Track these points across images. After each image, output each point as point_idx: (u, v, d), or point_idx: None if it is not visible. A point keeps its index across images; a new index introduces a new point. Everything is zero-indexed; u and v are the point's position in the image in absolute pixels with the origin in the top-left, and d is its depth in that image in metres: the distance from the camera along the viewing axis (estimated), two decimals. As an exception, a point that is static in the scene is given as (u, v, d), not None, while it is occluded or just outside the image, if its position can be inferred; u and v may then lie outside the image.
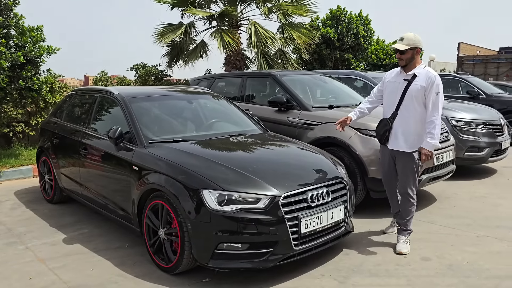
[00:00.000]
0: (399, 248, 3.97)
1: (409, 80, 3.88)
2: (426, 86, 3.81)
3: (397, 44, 3.88)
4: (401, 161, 3.98)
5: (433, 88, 3.79)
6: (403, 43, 3.86)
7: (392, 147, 4.00)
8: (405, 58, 3.87)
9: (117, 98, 4.54)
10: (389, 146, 4.02)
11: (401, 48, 3.84)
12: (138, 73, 13.71)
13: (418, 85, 3.83)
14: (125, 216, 4.04)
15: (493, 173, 7.24)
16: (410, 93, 3.85)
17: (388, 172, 4.17)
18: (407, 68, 3.92)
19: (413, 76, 3.88)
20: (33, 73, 7.51)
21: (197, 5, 12.10)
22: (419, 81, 3.84)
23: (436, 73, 3.89)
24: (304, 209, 3.36)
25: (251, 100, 6.55)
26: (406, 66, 3.91)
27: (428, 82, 3.81)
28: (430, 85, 3.80)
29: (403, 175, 4.00)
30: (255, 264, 3.22)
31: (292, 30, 11.67)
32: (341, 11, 17.39)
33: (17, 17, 7.37)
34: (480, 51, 27.12)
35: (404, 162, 3.96)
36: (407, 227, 4.08)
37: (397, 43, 3.91)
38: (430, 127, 3.80)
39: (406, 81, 3.89)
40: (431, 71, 3.88)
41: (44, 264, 3.79)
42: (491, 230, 4.51)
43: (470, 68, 21.47)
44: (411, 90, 3.85)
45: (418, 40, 3.88)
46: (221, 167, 3.50)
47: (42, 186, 5.82)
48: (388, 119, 3.98)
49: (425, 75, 3.85)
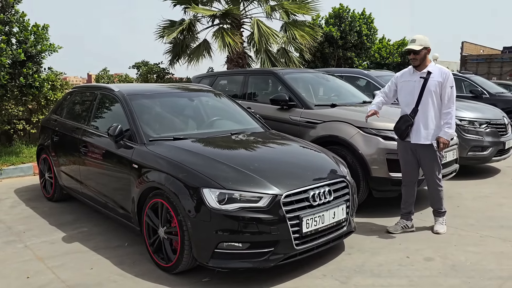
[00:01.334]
0: (437, 228, 4.38)
1: (425, 77, 4.16)
2: (442, 81, 4.14)
3: (412, 46, 4.16)
4: (425, 153, 4.24)
5: (448, 83, 4.14)
6: (417, 44, 4.16)
7: (415, 141, 4.22)
8: (419, 58, 4.16)
9: (117, 95, 4.51)
10: (412, 140, 4.24)
11: (417, 49, 4.13)
12: (140, 71, 13.67)
13: (435, 81, 4.14)
14: (125, 215, 4.00)
15: (496, 173, 7.18)
16: (429, 89, 4.14)
17: (409, 166, 4.36)
18: (420, 67, 4.21)
19: (427, 73, 4.17)
20: (34, 70, 7.49)
21: (199, 3, 12.06)
22: (434, 77, 4.15)
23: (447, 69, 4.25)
24: (305, 208, 3.31)
25: (253, 98, 6.50)
26: (419, 65, 4.19)
27: (443, 77, 4.14)
28: (445, 80, 4.14)
29: (428, 166, 4.28)
30: (256, 263, 3.17)
31: (295, 29, 11.62)
32: (343, 9, 17.32)
33: (18, 13, 7.34)
34: (483, 50, 27.01)
35: (427, 154, 4.23)
36: (442, 208, 4.43)
37: (410, 44, 4.19)
38: (447, 118, 4.14)
39: (423, 79, 4.17)
40: (443, 68, 4.23)
41: (43, 262, 3.76)
42: (495, 230, 4.46)
43: (474, 67, 21.38)
44: (429, 86, 4.14)
45: (427, 40, 4.20)
46: (222, 166, 3.45)
47: (42, 184, 5.80)
48: (409, 115, 4.21)
49: (439, 71, 4.18)
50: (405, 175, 4.43)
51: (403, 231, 4.40)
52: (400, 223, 4.44)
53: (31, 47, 7.29)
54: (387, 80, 8.09)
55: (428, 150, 4.22)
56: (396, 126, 4.32)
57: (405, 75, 4.36)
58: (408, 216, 4.46)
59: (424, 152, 4.24)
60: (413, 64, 4.23)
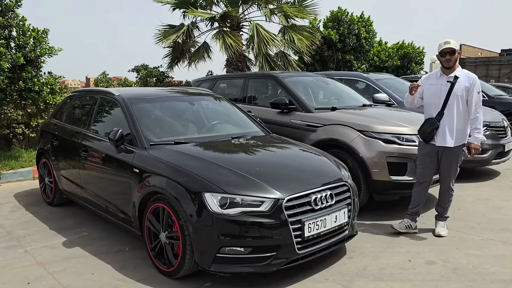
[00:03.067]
0: (438, 231, 4.40)
1: (452, 82, 4.21)
2: (469, 86, 4.20)
3: (450, 45, 4.19)
4: (448, 156, 4.29)
5: (475, 88, 4.21)
6: (452, 45, 4.20)
7: (440, 144, 4.27)
8: (454, 59, 4.22)
9: (117, 99, 4.50)
10: (437, 143, 4.28)
11: (456, 48, 4.19)
12: (139, 74, 13.66)
13: (462, 86, 4.20)
14: (126, 219, 3.99)
15: (496, 175, 7.19)
16: (455, 93, 4.20)
17: (427, 168, 4.40)
18: (450, 70, 4.26)
19: (455, 77, 4.22)
20: (33, 74, 7.48)
21: (198, 6, 12.07)
22: (462, 82, 4.21)
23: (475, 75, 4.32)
24: (307, 212, 3.30)
25: (253, 102, 6.50)
26: (450, 68, 4.25)
27: (470, 83, 4.21)
28: (473, 85, 4.21)
29: (448, 169, 4.34)
30: (258, 268, 3.16)
31: (294, 33, 11.62)
32: (342, 12, 17.34)
33: (18, 17, 7.33)
34: (481, 53, 27.09)
35: (451, 157, 4.29)
36: (446, 214, 4.49)
37: (446, 45, 4.20)
38: (476, 123, 4.23)
39: (450, 83, 4.22)
40: (470, 73, 4.31)
41: (43, 268, 3.75)
42: (496, 233, 4.46)
43: (472, 70, 21.39)
44: (456, 90, 4.20)
45: (457, 45, 4.27)
46: (223, 170, 3.44)
47: (42, 189, 5.78)
48: (434, 119, 4.26)
49: (466, 76, 4.25)
50: (421, 177, 4.45)
51: (406, 231, 4.42)
52: (405, 222, 4.46)
53: (30, 52, 7.28)
54: (387, 83, 8.14)
55: (452, 153, 4.27)
56: (421, 129, 4.35)
57: (431, 78, 4.40)
58: (413, 216, 4.48)
59: (447, 154, 4.29)
60: (447, 65, 4.24)
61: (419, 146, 4.49)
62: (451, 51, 4.19)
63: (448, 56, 4.21)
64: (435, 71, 4.41)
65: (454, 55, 4.20)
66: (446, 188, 4.42)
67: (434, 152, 4.34)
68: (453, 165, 4.33)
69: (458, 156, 4.31)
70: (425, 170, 4.42)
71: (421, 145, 4.47)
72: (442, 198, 4.48)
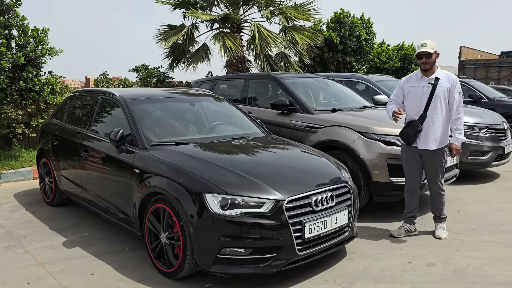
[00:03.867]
0: (438, 233, 4.38)
1: (434, 83, 4.18)
2: (450, 87, 4.17)
3: (425, 48, 4.16)
4: (431, 159, 4.25)
5: (456, 89, 4.19)
6: (429, 48, 4.16)
7: (422, 146, 4.23)
8: (431, 62, 4.18)
9: (118, 99, 4.50)
10: (420, 146, 4.24)
11: (431, 51, 4.14)
12: (139, 74, 13.67)
13: (444, 87, 4.17)
14: (126, 220, 3.99)
15: (496, 178, 7.20)
16: (437, 95, 4.16)
17: (413, 172, 4.37)
18: (428, 72, 4.23)
19: (435, 79, 4.19)
20: (34, 74, 7.48)
21: (199, 7, 12.07)
22: (443, 83, 4.18)
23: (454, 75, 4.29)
24: (308, 214, 3.30)
25: (253, 103, 6.51)
26: (429, 70, 4.21)
27: (451, 84, 4.19)
28: (453, 86, 4.18)
29: (433, 172, 4.30)
30: (258, 269, 3.16)
31: (295, 33, 11.63)
32: (344, 14, 17.36)
33: (18, 17, 7.33)
34: (481, 55, 27.11)
35: (434, 159, 4.25)
36: (442, 214, 4.46)
37: (422, 48, 4.18)
38: (457, 124, 4.20)
39: (431, 85, 4.18)
40: (451, 73, 4.27)
41: (43, 268, 3.74)
42: (496, 235, 4.46)
43: (472, 72, 21.46)
44: (438, 92, 4.16)
45: (436, 46, 4.21)
46: (224, 171, 3.45)
47: (42, 189, 5.78)
48: (417, 121, 4.22)
49: (446, 77, 4.22)
50: (409, 181, 4.43)
51: (406, 235, 4.41)
52: (404, 227, 4.45)
53: (31, 51, 7.28)
54: (387, 85, 8.15)
55: (435, 155, 4.23)
56: (403, 132, 4.31)
57: (412, 81, 4.35)
58: (411, 220, 4.47)
59: (430, 157, 4.25)
60: (424, 68, 4.21)
61: (402, 150, 4.45)
62: (427, 54, 4.14)
63: (424, 59, 4.16)
64: (415, 72, 4.38)
65: (430, 57, 4.15)
66: (436, 191, 4.39)
67: (417, 154, 4.31)
68: (438, 167, 4.28)
69: (441, 158, 4.27)
70: (412, 173, 4.38)
71: (403, 148, 4.42)
72: (435, 201, 4.44)
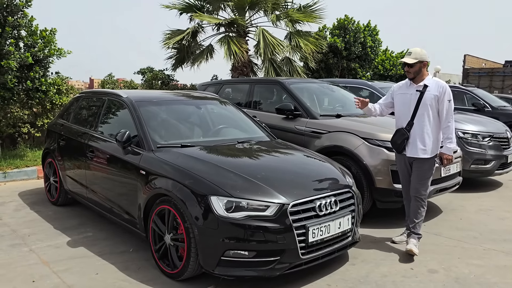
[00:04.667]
0: (410, 247, 4.10)
1: (421, 91, 4.10)
2: (439, 95, 4.06)
3: (406, 58, 4.13)
4: (418, 167, 4.15)
5: (445, 96, 4.07)
6: (411, 57, 4.11)
7: (410, 154, 4.16)
8: (413, 71, 4.12)
9: (125, 101, 4.54)
10: (408, 154, 4.18)
11: (410, 62, 4.09)
12: (145, 77, 13.75)
13: (432, 94, 4.07)
14: (131, 220, 4.02)
15: (499, 186, 7.20)
16: (425, 102, 4.07)
17: (407, 179, 4.31)
18: (416, 80, 4.16)
19: (424, 86, 4.10)
20: (41, 74, 7.54)
21: (205, 11, 12.15)
22: (431, 90, 4.08)
23: (445, 82, 4.18)
24: (312, 218, 3.33)
25: (258, 107, 6.55)
26: (415, 78, 4.16)
27: (440, 91, 4.07)
28: (442, 93, 4.07)
29: (417, 179, 4.18)
30: (262, 272, 3.18)
31: (300, 39, 11.69)
32: (348, 20, 17.42)
33: (27, 17, 7.40)
34: (485, 63, 27.13)
35: (421, 168, 4.15)
36: (417, 231, 4.24)
37: (406, 57, 4.15)
38: (448, 132, 4.10)
39: (419, 92, 4.10)
40: (441, 81, 4.17)
41: (48, 266, 3.78)
42: (498, 243, 4.47)
43: (476, 80, 21.47)
44: (425, 99, 4.07)
45: (424, 54, 4.12)
46: (230, 174, 3.48)
47: (47, 188, 5.82)
48: (404, 129, 4.16)
49: (436, 84, 4.11)
50: (404, 188, 4.39)
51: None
52: (406, 234, 4.40)
53: (40, 51, 7.34)
54: (391, 92, 8.17)
55: (422, 164, 4.13)
56: (392, 139, 4.27)
57: (402, 88, 4.31)
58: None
59: (417, 166, 4.15)
60: (408, 77, 4.20)
61: (396, 157, 4.43)
62: (408, 64, 4.09)
63: (407, 68, 4.13)
64: (406, 80, 4.30)
65: (412, 67, 4.09)
66: (416, 200, 4.20)
67: (407, 162, 4.25)
68: (424, 175, 4.15)
69: (430, 167, 4.15)
70: (405, 182, 4.33)
71: (396, 155, 4.41)
72: (413, 211, 4.25)
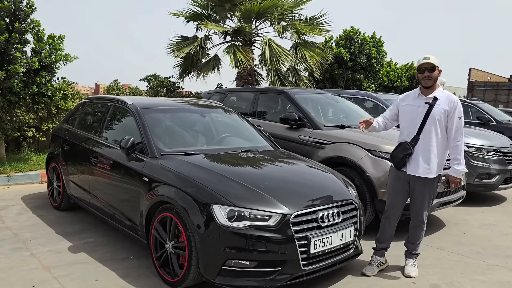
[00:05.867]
0: (408, 271, 3.92)
1: (431, 103, 3.75)
2: (449, 110, 3.71)
3: (430, 60, 3.71)
4: (420, 187, 3.82)
5: (456, 112, 3.70)
6: (432, 61, 3.71)
7: (411, 172, 3.81)
8: (434, 77, 3.72)
9: (130, 108, 4.56)
10: (409, 171, 3.83)
11: (435, 64, 3.70)
12: (150, 84, 13.83)
13: (441, 109, 3.71)
14: (132, 227, 4.02)
15: (503, 201, 7.16)
16: (433, 117, 3.72)
17: (398, 198, 3.95)
18: (430, 90, 3.78)
19: (434, 99, 3.75)
20: (47, 80, 7.58)
21: (212, 20, 12.24)
22: (441, 104, 3.72)
23: (457, 97, 3.83)
24: (314, 229, 3.31)
25: (263, 116, 6.55)
26: (429, 87, 3.77)
27: (451, 106, 3.71)
28: (453, 109, 3.70)
29: (420, 202, 3.86)
30: (262, 282, 3.16)
31: (305, 50, 11.75)
32: (354, 31, 17.48)
33: (34, 23, 7.46)
34: (490, 77, 27.10)
35: (423, 188, 3.82)
36: (416, 251, 4.03)
37: (425, 60, 3.73)
38: (456, 153, 3.73)
39: (428, 104, 3.75)
40: (452, 95, 3.80)
41: (48, 271, 3.77)
42: (501, 259, 4.43)
43: (481, 94, 21.44)
44: (434, 113, 3.72)
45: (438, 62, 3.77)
46: (232, 183, 3.48)
47: (50, 193, 5.83)
48: (408, 143, 3.79)
49: (446, 98, 3.75)
50: (391, 206, 3.99)
51: (379, 269, 3.99)
52: (375, 261, 4.00)
53: (46, 57, 7.40)
54: (396, 104, 8.16)
55: (425, 185, 3.80)
56: (393, 153, 3.90)
57: (408, 99, 3.94)
58: (383, 252, 4.05)
59: (419, 186, 3.82)
60: (425, 84, 3.76)
61: (390, 171, 4.04)
62: (431, 67, 3.70)
63: (427, 72, 3.70)
64: (414, 91, 3.95)
65: (433, 72, 3.70)
66: (417, 223, 3.94)
67: (405, 180, 3.87)
68: (426, 198, 3.84)
69: (432, 188, 3.82)
70: (396, 199, 3.95)
71: (392, 170, 4.01)
72: (413, 234, 3.99)
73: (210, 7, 12.10)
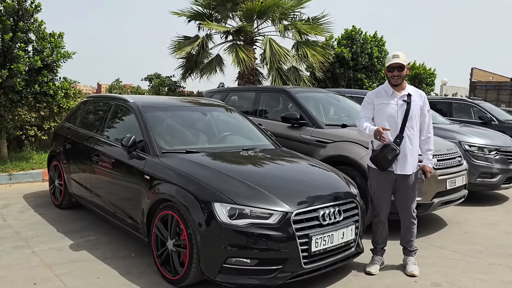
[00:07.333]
0: (411, 270, 3.91)
1: (407, 101, 3.78)
2: (422, 105, 3.85)
3: (399, 59, 3.73)
4: (407, 184, 3.84)
5: (426, 105, 3.87)
6: (401, 60, 3.74)
7: (400, 171, 3.80)
8: (403, 76, 3.77)
9: (132, 106, 4.56)
10: (397, 171, 3.81)
11: (404, 63, 3.74)
12: (152, 83, 13.83)
13: (417, 104, 3.82)
14: (134, 225, 4.02)
15: (505, 200, 7.14)
16: (412, 113, 3.77)
17: (384, 199, 3.93)
18: (400, 87, 3.82)
19: (408, 95, 3.80)
20: (49, 79, 7.60)
21: (213, 19, 12.23)
22: (416, 100, 3.82)
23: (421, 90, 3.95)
24: (315, 227, 3.31)
25: (264, 115, 6.55)
26: (399, 85, 3.80)
27: (423, 101, 3.86)
28: (425, 103, 3.86)
29: (406, 198, 3.90)
30: (263, 280, 3.16)
31: (307, 48, 11.73)
32: (356, 31, 17.44)
33: (37, 22, 7.48)
34: (492, 77, 27.04)
35: (408, 184, 3.85)
36: (412, 247, 4.03)
37: (395, 59, 3.74)
38: (429, 144, 3.91)
39: (405, 102, 3.78)
40: (418, 89, 3.93)
41: (50, 269, 3.77)
42: (503, 258, 4.42)
43: (483, 94, 21.38)
44: (413, 110, 3.77)
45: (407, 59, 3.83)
46: (234, 181, 3.47)
47: (52, 191, 5.84)
48: (393, 143, 3.72)
49: (417, 93, 3.87)
50: (381, 209, 3.97)
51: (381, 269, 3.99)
52: (377, 260, 4.01)
53: (48, 56, 7.41)
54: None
55: (409, 180, 3.83)
56: (380, 156, 3.75)
57: (382, 96, 3.86)
58: (383, 251, 4.07)
59: (404, 182, 3.83)
60: (396, 82, 3.77)
61: (372, 174, 3.97)
62: (400, 66, 3.72)
63: (396, 71, 3.72)
64: (383, 87, 3.92)
65: (402, 71, 3.73)
66: (408, 217, 3.94)
67: (390, 180, 3.85)
68: (414, 191, 3.88)
69: (417, 179, 3.90)
70: (382, 201, 3.93)
71: (373, 172, 3.93)
72: (406, 231, 3.98)
73: (211, 6, 12.09)
